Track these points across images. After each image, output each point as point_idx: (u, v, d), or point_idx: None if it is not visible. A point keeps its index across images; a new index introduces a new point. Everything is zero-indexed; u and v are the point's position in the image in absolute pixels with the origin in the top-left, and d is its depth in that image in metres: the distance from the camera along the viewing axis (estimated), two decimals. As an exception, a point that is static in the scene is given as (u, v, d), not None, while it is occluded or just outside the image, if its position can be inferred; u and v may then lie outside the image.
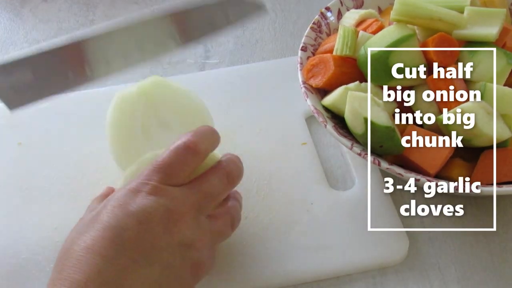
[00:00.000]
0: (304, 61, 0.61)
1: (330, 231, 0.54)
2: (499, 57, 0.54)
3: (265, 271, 0.52)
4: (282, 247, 0.53)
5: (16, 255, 0.54)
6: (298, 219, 0.55)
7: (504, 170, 0.51)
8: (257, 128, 0.63)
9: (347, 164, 0.61)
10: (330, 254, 0.53)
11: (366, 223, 0.54)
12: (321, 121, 0.55)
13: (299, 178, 0.59)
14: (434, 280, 0.53)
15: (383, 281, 0.52)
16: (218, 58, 0.74)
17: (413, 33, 0.55)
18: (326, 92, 0.59)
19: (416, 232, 0.56)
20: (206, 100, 0.66)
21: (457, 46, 0.54)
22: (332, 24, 0.65)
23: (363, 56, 0.55)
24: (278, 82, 0.68)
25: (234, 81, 0.68)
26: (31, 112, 0.65)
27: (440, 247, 0.55)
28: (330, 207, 0.56)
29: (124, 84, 0.68)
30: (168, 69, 0.73)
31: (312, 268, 0.52)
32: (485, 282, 0.52)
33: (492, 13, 0.55)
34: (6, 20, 0.81)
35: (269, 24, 0.79)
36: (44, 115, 0.65)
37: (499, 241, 0.55)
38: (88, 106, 0.66)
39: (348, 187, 0.59)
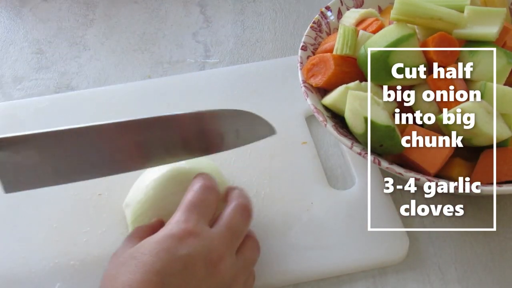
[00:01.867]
0: (304, 61, 0.61)
1: (329, 231, 0.54)
2: (499, 56, 0.53)
3: (265, 270, 0.52)
4: (282, 246, 0.53)
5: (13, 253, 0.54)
6: (298, 219, 0.55)
7: (504, 170, 0.51)
8: None
9: (347, 163, 0.61)
10: (329, 253, 0.53)
11: (366, 222, 0.54)
12: (321, 120, 0.55)
13: (299, 177, 0.59)
14: (434, 280, 0.53)
15: (383, 281, 0.52)
16: (218, 57, 0.74)
17: (413, 32, 0.55)
18: (326, 91, 0.59)
19: (416, 232, 0.56)
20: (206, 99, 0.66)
21: (457, 46, 0.54)
22: (332, 24, 0.65)
23: (363, 56, 0.55)
24: (278, 82, 0.68)
25: (234, 80, 0.68)
26: (31, 110, 0.65)
27: (440, 247, 0.55)
28: (330, 207, 0.56)
29: (123, 83, 0.69)
30: (168, 69, 0.73)
31: (311, 267, 0.52)
32: (485, 282, 0.52)
33: (492, 12, 0.55)
34: (6, 19, 0.81)
35: (269, 24, 0.79)
36: (43, 113, 0.65)
37: (499, 241, 0.55)
38: (87, 105, 0.66)
39: (348, 186, 0.59)
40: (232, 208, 0.48)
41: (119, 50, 0.76)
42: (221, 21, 0.79)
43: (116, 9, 0.81)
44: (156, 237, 0.44)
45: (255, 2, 0.82)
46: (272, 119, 0.63)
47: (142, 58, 0.74)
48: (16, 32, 0.79)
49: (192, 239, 0.44)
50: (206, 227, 0.45)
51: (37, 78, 0.72)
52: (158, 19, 0.80)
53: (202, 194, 0.47)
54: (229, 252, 0.45)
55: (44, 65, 0.74)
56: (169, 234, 0.44)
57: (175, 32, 0.78)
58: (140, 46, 0.76)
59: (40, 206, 0.57)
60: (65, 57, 0.75)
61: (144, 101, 0.66)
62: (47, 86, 0.71)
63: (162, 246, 0.43)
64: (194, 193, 0.47)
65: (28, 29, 0.79)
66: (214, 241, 0.45)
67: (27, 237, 0.55)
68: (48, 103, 0.66)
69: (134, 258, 0.43)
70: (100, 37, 0.77)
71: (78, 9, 0.81)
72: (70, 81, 0.72)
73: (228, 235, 0.46)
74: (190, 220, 0.45)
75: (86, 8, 0.82)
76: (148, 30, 0.78)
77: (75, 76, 0.72)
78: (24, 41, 0.77)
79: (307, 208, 0.56)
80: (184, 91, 0.67)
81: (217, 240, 0.45)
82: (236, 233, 0.47)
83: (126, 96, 0.67)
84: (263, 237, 0.54)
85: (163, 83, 0.69)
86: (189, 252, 0.43)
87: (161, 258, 0.42)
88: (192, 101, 0.66)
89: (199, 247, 0.43)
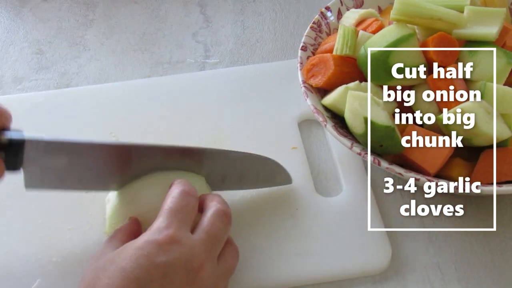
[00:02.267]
0: (304, 61, 0.61)
1: (314, 237, 0.54)
2: (499, 56, 0.53)
3: (246, 275, 0.52)
4: (264, 251, 0.53)
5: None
6: (282, 224, 0.55)
7: (504, 170, 0.51)
8: (249, 130, 0.63)
9: (336, 171, 0.61)
10: (313, 260, 0.53)
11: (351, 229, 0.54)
12: (321, 120, 0.55)
13: (286, 183, 0.59)
14: (434, 280, 0.53)
15: (383, 281, 0.52)
16: (218, 57, 0.74)
17: (413, 32, 0.55)
18: (326, 91, 0.59)
19: (416, 232, 0.56)
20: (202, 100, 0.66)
21: (457, 46, 0.54)
22: (332, 24, 0.65)
23: (363, 56, 0.55)
24: (275, 85, 0.68)
25: (231, 82, 0.68)
26: (25, 107, 0.65)
27: (440, 247, 0.55)
28: (315, 213, 0.56)
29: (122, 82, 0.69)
30: (168, 69, 0.73)
31: (295, 273, 0.52)
32: (485, 282, 0.52)
33: (492, 12, 0.55)
34: (6, 19, 0.81)
35: (269, 24, 0.79)
36: (39, 109, 0.65)
37: (499, 241, 0.55)
38: (84, 102, 0.66)
39: (335, 194, 0.59)
40: (212, 214, 0.47)
41: (119, 50, 0.76)
42: (221, 21, 0.79)
43: (116, 9, 0.81)
44: (136, 243, 0.44)
45: (255, 2, 0.82)
46: (265, 122, 0.64)
47: (142, 58, 0.74)
48: (16, 32, 0.79)
49: (172, 245, 0.43)
50: (187, 233, 0.45)
51: (37, 78, 0.72)
52: (158, 19, 0.80)
53: (182, 200, 0.47)
54: (210, 259, 0.45)
55: (44, 65, 0.74)
56: (150, 240, 0.43)
57: (175, 32, 0.78)
58: (140, 46, 0.76)
59: (27, 201, 0.57)
60: (65, 57, 0.75)
61: (142, 100, 0.66)
62: (47, 86, 0.71)
63: (142, 252, 0.42)
64: (174, 199, 0.47)
65: (28, 29, 0.79)
66: (195, 248, 0.44)
67: (11, 231, 0.55)
68: (44, 99, 0.66)
69: (113, 263, 0.42)
70: (100, 37, 0.77)
71: (78, 9, 0.81)
72: (70, 81, 0.72)
73: (209, 242, 0.45)
74: (171, 226, 0.44)
75: (86, 8, 0.82)
76: (148, 30, 0.78)
77: (75, 76, 0.72)
78: (24, 41, 0.77)
79: (291, 214, 0.56)
80: (183, 91, 0.67)
81: (198, 247, 0.44)
82: (217, 240, 0.46)
83: (124, 94, 0.67)
84: (246, 242, 0.54)
85: (163, 82, 0.69)
86: (169, 259, 0.43)
87: (141, 265, 0.42)
88: (191, 101, 0.66)
89: (180, 254, 0.43)
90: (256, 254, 0.53)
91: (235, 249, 0.49)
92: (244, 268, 0.52)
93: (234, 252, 0.49)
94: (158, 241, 0.43)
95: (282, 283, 0.52)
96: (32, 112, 0.65)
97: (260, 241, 0.54)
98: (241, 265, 0.52)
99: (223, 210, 0.48)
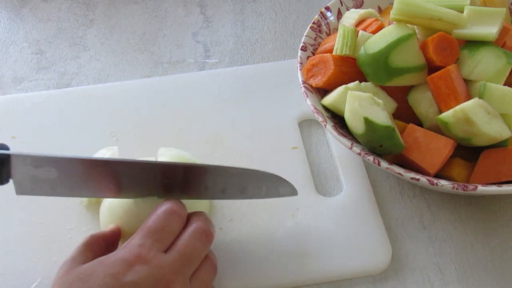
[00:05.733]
0: (304, 61, 0.61)
1: (314, 237, 0.54)
2: (498, 56, 0.54)
3: (246, 274, 0.52)
4: (264, 251, 0.53)
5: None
6: (282, 224, 0.55)
7: (504, 170, 0.51)
8: (249, 130, 0.63)
9: (336, 171, 0.61)
10: (313, 260, 0.52)
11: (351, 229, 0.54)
12: (321, 120, 0.55)
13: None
14: (434, 280, 0.53)
15: (383, 281, 0.52)
16: (218, 57, 0.74)
17: (413, 32, 0.55)
18: (326, 91, 0.59)
19: (416, 232, 0.56)
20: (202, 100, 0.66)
21: (457, 46, 0.54)
22: (332, 24, 0.65)
23: (363, 56, 0.55)
24: (275, 85, 0.68)
25: (231, 82, 0.68)
26: (25, 106, 0.65)
27: (440, 247, 0.55)
28: (315, 213, 0.56)
29: (122, 82, 0.69)
30: (168, 69, 0.73)
31: (294, 273, 0.52)
32: (485, 282, 0.52)
33: (492, 12, 0.55)
34: (6, 20, 0.81)
35: (269, 24, 0.79)
36: (39, 109, 0.65)
37: (499, 240, 0.55)
38: (85, 102, 0.66)
39: (335, 193, 0.59)
40: (190, 233, 0.47)
41: (119, 50, 0.76)
42: (221, 21, 0.79)
43: (116, 9, 0.81)
44: (106, 260, 0.44)
45: (255, 2, 0.82)
46: (265, 122, 0.64)
47: (142, 58, 0.74)
48: (16, 32, 0.79)
49: (141, 266, 0.43)
50: (159, 253, 0.45)
51: (37, 78, 0.72)
52: (158, 19, 0.80)
53: (164, 220, 0.46)
54: (180, 279, 0.44)
55: (44, 65, 0.74)
56: (120, 259, 0.44)
57: (175, 32, 0.78)
58: (140, 46, 0.76)
59: (27, 201, 0.56)
60: (65, 58, 0.75)
61: (142, 100, 0.66)
62: (47, 86, 0.71)
63: (110, 271, 0.43)
64: (156, 217, 0.47)
65: (28, 29, 0.79)
66: (164, 269, 0.44)
67: (11, 231, 0.55)
68: (44, 99, 0.66)
69: (80, 280, 0.43)
70: (100, 37, 0.77)
71: (78, 9, 0.81)
72: (70, 81, 0.72)
73: (180, 262, 0.45)
74: (144, 246, 0.44)
75: (86, 8, 0.82)
76: (148, 30, 0.78)
77: (75, 76, 0.72)
78: (24, 41, 0.77)
79: (292, 213, 0.56)
80: (183, 91, 0.67)
81: (168, 267, 0.44)
82: (191, 259, 0.46)
83: (123, 94, 0.67)
84: (246, 242, 0.54)
85: (163, 82, 0.69)
86: (135, 280, 0.43)
87: (107, 284, 0.42)
88: (191, 100, 0.66)
89: (147, 275, 0.43)
90: (256, 254, 0.53)
91: (211, 263, 0.48)
92: (244, 268, 0.52)
93: (211, 267, 0.48)
94: (128, 260, 0.43)
95: (282, 283, 0.52)
96: (32, 112, 0.65)
97: (260, 241, 0.54)
98: (241, 265, 0.52)
99: (203, 229, 0.48)
